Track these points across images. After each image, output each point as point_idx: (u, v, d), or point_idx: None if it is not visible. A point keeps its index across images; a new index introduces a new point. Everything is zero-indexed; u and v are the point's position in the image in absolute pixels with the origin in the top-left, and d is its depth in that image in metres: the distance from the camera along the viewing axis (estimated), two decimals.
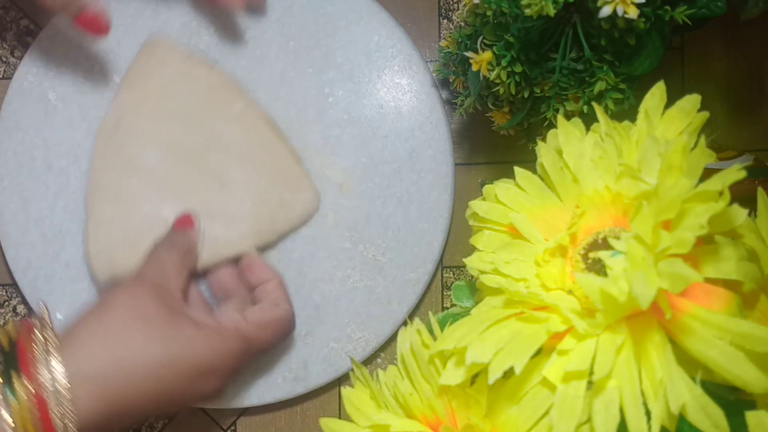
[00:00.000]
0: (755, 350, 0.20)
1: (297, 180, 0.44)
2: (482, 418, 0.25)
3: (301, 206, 0.45)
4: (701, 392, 0.21)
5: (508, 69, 0.34)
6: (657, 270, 0.21)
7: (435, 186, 0.45)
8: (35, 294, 0.45)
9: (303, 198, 0.45)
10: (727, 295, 0.22)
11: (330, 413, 0.46)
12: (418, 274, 0.45)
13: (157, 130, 0.44)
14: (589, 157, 0.26)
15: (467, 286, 0.32)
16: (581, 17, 0.33)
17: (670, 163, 0.23)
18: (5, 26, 0.48)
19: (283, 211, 0.44)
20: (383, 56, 0.45)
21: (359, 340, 0.44)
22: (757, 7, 0.33)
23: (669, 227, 0.22)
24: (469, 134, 0.47)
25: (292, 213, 0.45)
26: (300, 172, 0.45)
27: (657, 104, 0.25)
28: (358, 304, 0.45)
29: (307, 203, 0.45)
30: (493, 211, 0.27)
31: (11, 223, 0.45)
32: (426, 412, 0.26)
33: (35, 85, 0.45)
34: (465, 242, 0.34)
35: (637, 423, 0.22)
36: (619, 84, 0.34)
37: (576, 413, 0.22)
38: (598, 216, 0.26)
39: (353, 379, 0.29)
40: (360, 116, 0.45)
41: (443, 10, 0.47)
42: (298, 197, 0.44)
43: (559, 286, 0.25)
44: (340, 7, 0.45)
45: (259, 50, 0.45)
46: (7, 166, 0.45)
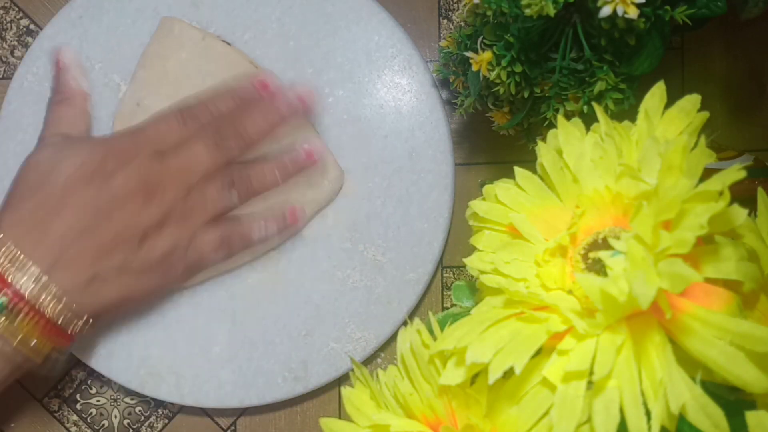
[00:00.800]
0: (755, 350, 0.20)
1: (323, 158, 0.44)
2: (482, 418, 0.25)
3: (329, 185, 0.44)
4: (701, 392, 0.21)
5: (508, 69, 0.34)
6: (657, 270, 0.21)
7: (435, 186, 0.45)
8: None
9: (330, 176, 0.44)
10: (727, 295, 0.22)
11: (330, 413, 0.46)
12: (418, 274, 0.45)
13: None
14: (589, 157, 0.26)
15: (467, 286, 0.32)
16: (581, 17, 0.33)
17: (670, 163, 0.23)
18: (5, 26, 0.48)
19: (312, 191, 0.44)
20: (383, 56, 0.45)
21: (359, 340, 0.44)
22: (757, 7, 0.33)
23: (669, 227, 0.22)
24: (469, 134, 0.47)
25: (321, 193, 0.44)
26: (326, 151, 0.44)
27: (657, 104, 0.25)
28: (358, 304, 0.45)
29: (334, 181, 0.44)
30: (493, 211, 0.27)
31: None
32: (426, 412, 0.26)
33: (35, 85, 0.45)
34: (465, 242, 0.34)
35: (637, 423, 0.22)
36: (619, 84, 0.34)
37: (576, 413, 0.22)
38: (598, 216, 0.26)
39: (353, 379, 0.29)
40: (360, 116, 0.45)
41: (443, 10, 0.47)
42: (325, 176, 0.44)
43: (559, 286, 0.25)
44: (340, 7, 0.45)
45: (259, 50, 0.45)
46: (7, 166, 0.45)
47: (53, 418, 0.47)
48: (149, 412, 0.47)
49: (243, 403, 0.45)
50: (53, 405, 0.47)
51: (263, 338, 0.45)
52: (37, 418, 0.47)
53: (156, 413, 0.47)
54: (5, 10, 0.48)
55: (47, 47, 0.45)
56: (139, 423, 0.47)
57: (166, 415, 0.47)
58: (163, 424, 0.47)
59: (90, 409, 0.47)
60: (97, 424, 0.47)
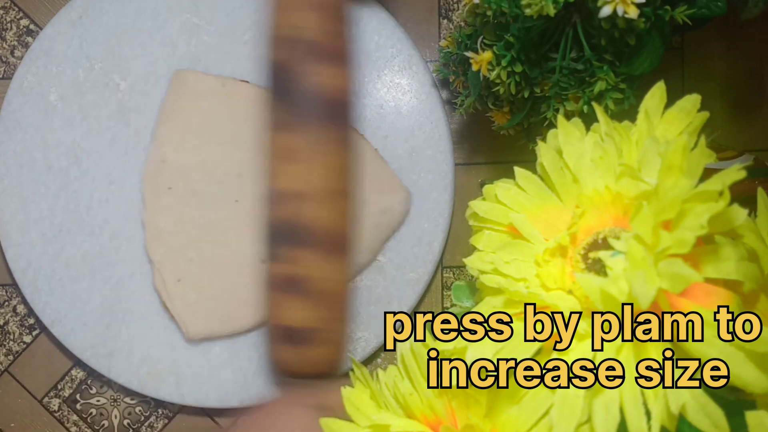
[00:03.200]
0: (755, 350, 0.20)
1: (390, 181, 0.43)
2: (482, 418, 0.25)
3: (399, 208, 0.43)
4: (701, 392, 0.21)
5: (508, 69, 0.34)
6: (657, 270, 0.21)
7: (435, 186, 0.44)
8: (35, 294, 0.45)
9: (399, 199, 0.43)
10: (727, 295, 0.22)
11: None
12: (418, 274, 0.45)
13: (207, 160, 0.43)
14: (589, 157, 0.26)
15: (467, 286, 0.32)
16: (581, 17, 0.33)
17: (670, 163, 0.23)
18: (5, 26, 0.48)
19: (386, 218, 0.43)
20: (383, 56, 0.45)
21: (359, 340, 0.44)
22: (757, 7, 0.33)
23: (669, 227, 0.22)
24: (469, 134, 0.47)
25: (393, 218, 0.43)
26: (391, 173, 0.43)
27: (657, 104, 0.25)
28: (358, 304, 0.45)
29: (404, 204, 0.44)
30: (493, 211, 0.27)
31: (11, 223, 0.45)
32: (426, 412, 0.26)
33: (35, 85, 0.45)
34: (465, 242, 0.34)
35: (637, 423, 0.22)
36: (619, 84, 0.34)
37: (576, 413, 0.22)
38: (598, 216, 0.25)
39: (353, 379, 0.29)
40: (360, 116, 0.45)
41: (443, 10, 0.47)
42: (395, 199, 0.43)
43: (559, 286, 0.25)
44: None
45: (259, 50, 0.45)
46: (7, 166, 0.45)
47: (53, 418, 0.47)
48: (149, 412, 0.47)
49: (243, 403, 0.45)
50: (53, 405, 0.47)
51: (263, 338, 0.44)
52: (37, 418, 0.47)
53: (156, 413, 0.47)
54: (5, 10, 0.48)
55: (47, 47, 0.45)
56: (139, 423, 0.47)
57: (166, 415, 0.47)
58: (163, 424, 0.47)
59: (90, 409, 0.47)
60: (97, 424, 0.47)
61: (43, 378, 0.47)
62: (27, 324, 0.48)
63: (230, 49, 0.45)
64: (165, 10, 0.45)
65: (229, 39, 0.45)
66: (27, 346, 0.47)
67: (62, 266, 0.45)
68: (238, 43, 0.45)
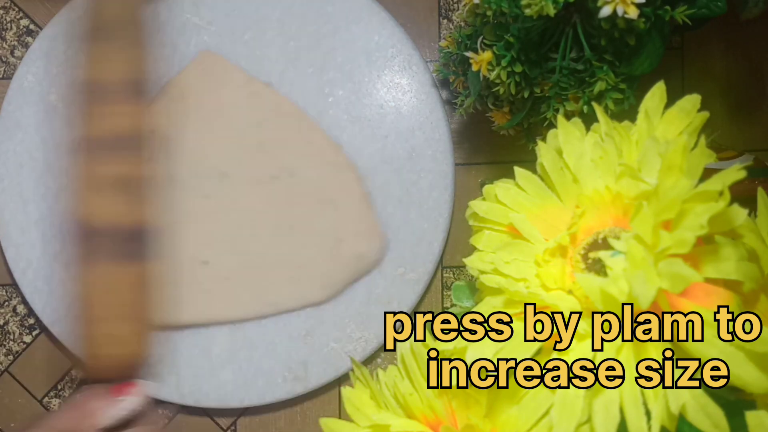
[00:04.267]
0: (755, 350, 0.20)
1: (371, 229, 0.43)
2: (482, 418, 0.25)
3: (374, 256, 0.43)
4: (701, 392, 0.21)
5: (508, 69, 0.34)
6: (657, 270, 0.21)
7: (435, 186, 0.45)
8: (35, 294, 0.45)
9: (375, 248, 0.43)
10: (727, 295, 0.22)
11: (330, 413, 0.46)
12: (418, 274, 0.45)
13: (213, 154, 0.43)
14: (589, 157, 0.26)
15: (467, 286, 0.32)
16: (581, 17, 0.33)
17: (670, 163, 0.23)
18: (5, 26, 0.48)
19: (356, 263, 0.43)
20: (383, 56, 0.45)
21: (359, 340, 0.44)
22: (757, 7, 0.33)
23: (669, 227, 0.22)
24: (469, 134, 0.47)
25: (365, 265, 0.43)
26: (373, 220, 0.43)
27: (657, 104, 0.25)
28: (358, 304, 0.45)
29: (378, 253, 0.44)
30: (493, 211, 0.27)
31: (11, 223, 0.45)
32: (426, 412, 0.26)
33: (35, 85, 0.45)
34: (465, 242, 0.34)
35: (637, 423, 0.22)
36: (619, 84, 0.34)
37: (576, 413, 0.22)
38: (598, 216, 0.25)
39: (353, 379, 0.29)
40: (360, 116, 0.45)
41: (443, 10, 0.47)
42: (371, 247, 0.43)
43: (559, 286, 0.25)
44: (340, 7, 0.45)
45: (259, 50, 0.45)
46: (7, 166, 0.45)
47: None
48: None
49: (243, 403, 0.45)
50: (53, 405, 0.47)
51: (263, 338, 0.44)
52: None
53: (156, 413, 0.47)
54: (5, 10, 0.48)
55: (47, 47, 0.45)
56: None
57: (166, 415, 0.47)
58: (162, 424, 0.47)
59: None
60: None
61: (43, 378, 0.47)
62: (27, 324, 0.47)
63: (230, 50, 0.45)
64: (165, 10, 0.45)
65: (229, 39, 0.45)
66: (27, 346, 0.47)
67: (62, 266, 0.45)
68: (238, 43, 0.45)
